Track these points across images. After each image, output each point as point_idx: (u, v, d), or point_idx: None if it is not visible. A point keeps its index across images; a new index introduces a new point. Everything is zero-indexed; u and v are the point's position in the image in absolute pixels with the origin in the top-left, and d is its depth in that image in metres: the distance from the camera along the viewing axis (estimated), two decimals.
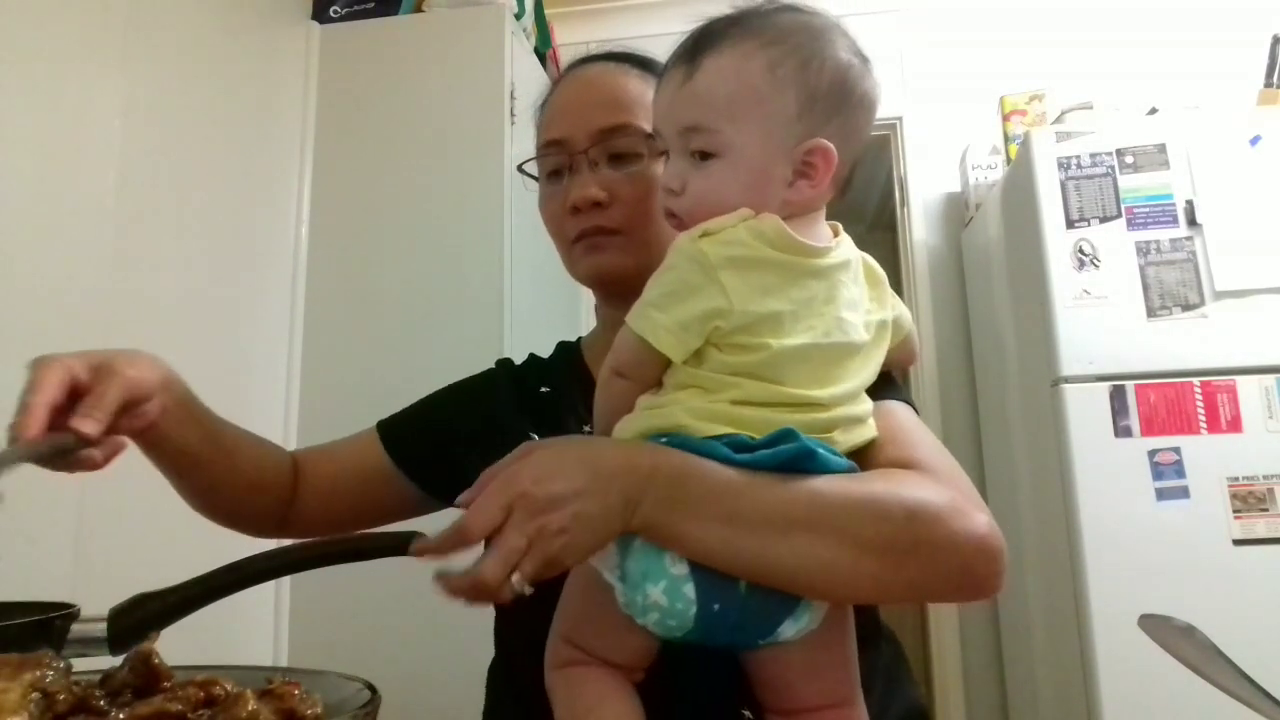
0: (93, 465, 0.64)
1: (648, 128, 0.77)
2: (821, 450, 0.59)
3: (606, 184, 0.79)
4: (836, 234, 0.67)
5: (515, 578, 0.53)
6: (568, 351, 0.94)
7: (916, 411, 0.73)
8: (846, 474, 0.60)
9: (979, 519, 0.59)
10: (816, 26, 0.65)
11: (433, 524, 0.96)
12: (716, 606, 0.57)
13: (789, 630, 0.58)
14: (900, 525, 0.57)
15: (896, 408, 0.70)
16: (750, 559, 0.57)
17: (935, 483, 0.60)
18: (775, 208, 0.62)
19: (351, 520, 0.90)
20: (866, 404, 0.65)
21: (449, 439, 0.87)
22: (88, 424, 0.61)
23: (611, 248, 0.79)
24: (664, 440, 0.60)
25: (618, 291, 0.81)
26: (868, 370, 0.65)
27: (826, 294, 0.62)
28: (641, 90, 0.81)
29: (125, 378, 0.65)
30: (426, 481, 0.89)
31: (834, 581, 0.58)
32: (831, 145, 0.62)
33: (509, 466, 0.56)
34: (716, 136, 0.62)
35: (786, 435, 0.59)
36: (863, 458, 0.64)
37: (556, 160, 0.82)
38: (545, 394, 0.88)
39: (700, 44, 0.65)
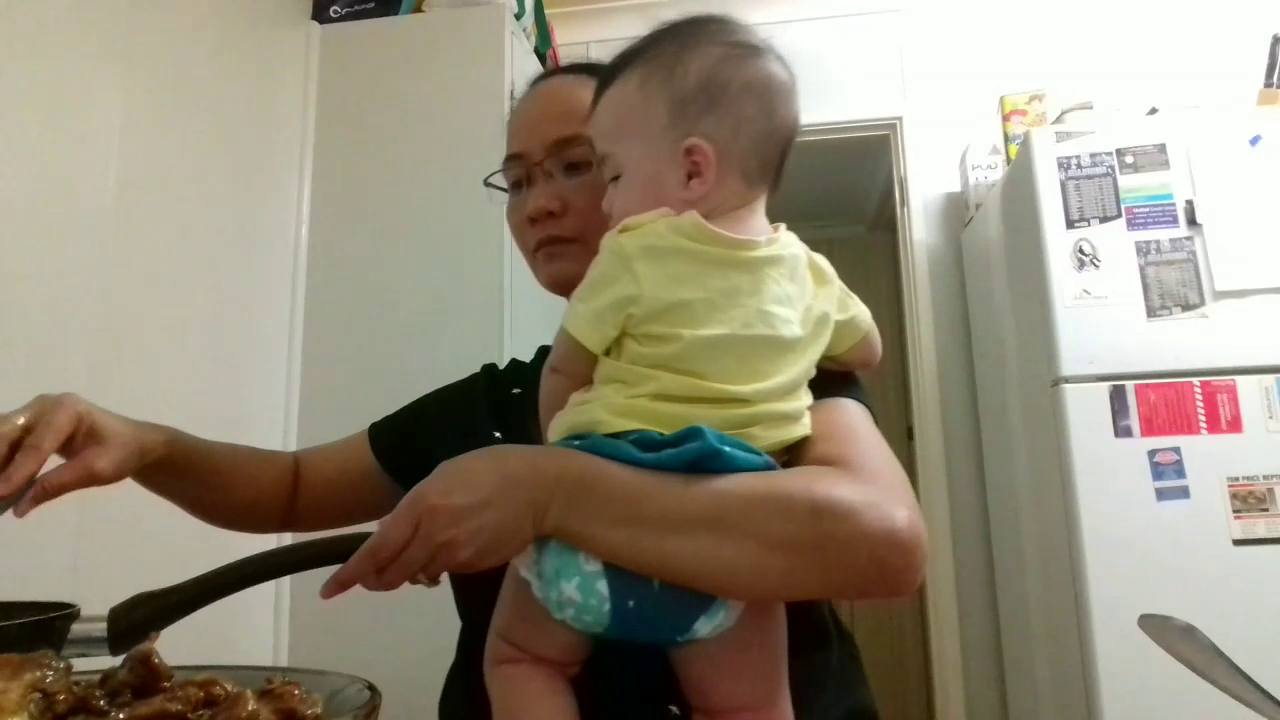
0: (20, 511, 0.70)
1: None
2: (728, 449, 0.59)
3: (560, 193, 0.81)
4: (777, 232, 0.68)
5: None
6: (544, 355, 0.96)
7: (870, 410, 0.73)
8: (757, 472, 0.60)
9: (896, 514, 0.57)
10: (686, 32, 0.68)
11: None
12: (631, 603, 0.58)
13: (704, 628, 0.59)
14: (805, 522, 0.57)
15: (843, 404, 0.70)
16: (653, 559, 0.57)
17: (854, 479, 0.59)
18: (680, 209, 0.64)
19: (345, 519, 0.94)
20: (799, 401, 0.65)
21: (430, 443, 0.89)
22: (24, 506, 0.68)
23: (568, 255, 0.82)
24: (575, 441, 0.62)
25: None
26: (799, 366, 0.64)
27: (751, 286, 0.63)
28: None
29: (56, 424, 0.70)
30: (410, 484, 0.90)
31: (740, 580, 0.58)
32: (703, 142, 0.64)
33: (420, 484, 0.58)
34: (615, 159, 0.69)
35: (693, 434, 0.59)
36: (794, 455, 0.64)
37: (516, 173, 0.86)
38: (515, 395, 0.90)
39: (600, 83, 0.72)
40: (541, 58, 2.43)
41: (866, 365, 0.74)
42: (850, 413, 0.69)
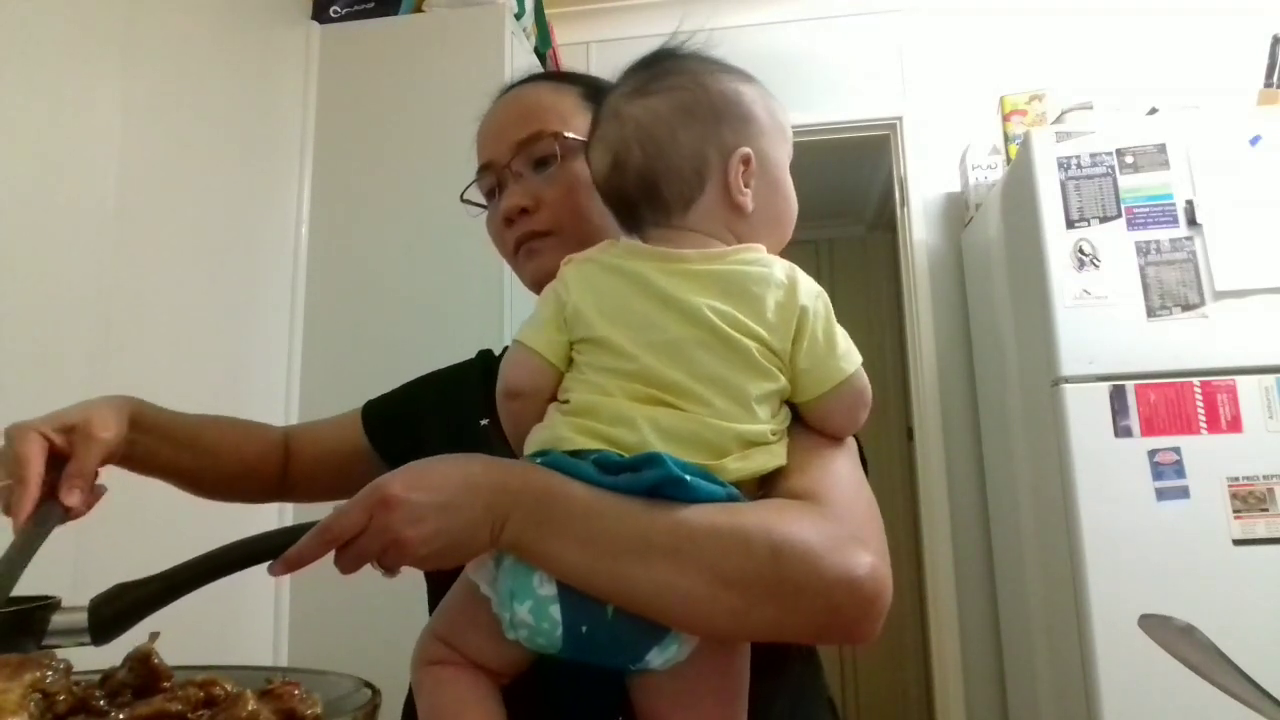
0: (77, 516, 0.72)
1: (561, 129, 0.83)
2: (690, 478, 0.57)
3: (530, 190, 0.83)
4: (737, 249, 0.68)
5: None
6: None
7: (856, 440, 0.70)
8: (720, 504, 0.58)
9: (859, 560, 0.56)
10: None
11: None
12: (584, 629, 0.57)
13: (656, 659, 0.58)
14: (763, 561, 0.55)
15: (814, 440, 0.66)
16: (607, 582, 0.56)
17: (820, 518, 0.58)
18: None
19: (338, 494, 0.95)
20: (765, 424, 0.62)
21: (420, 425, 0.91)
22: (74, 497, 0.70)
23: (546, 250, 0.82)
24: (540, 459, 0.61)
25: None
26: (757, 380, 0.62)
27: (667, 293, 0.64)
28: (552, 99, 0.86)
29: (99, 441, 0.72)
30: (397, 464, 0.90)
31: (691, 613, 0.56)
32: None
33: (384, 476, 0.58)
34: None
35: (653, 460, 0.58)
36: (766, 485, 0.62)
37: (488, 181, 0.88)
38: None
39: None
40: (541, 58, 2.43)
41: (835, 433, 0.67)
42: (826, 444, 0.66)
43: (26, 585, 0.61)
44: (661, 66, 0.72)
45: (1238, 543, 1.82)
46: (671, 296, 0.63)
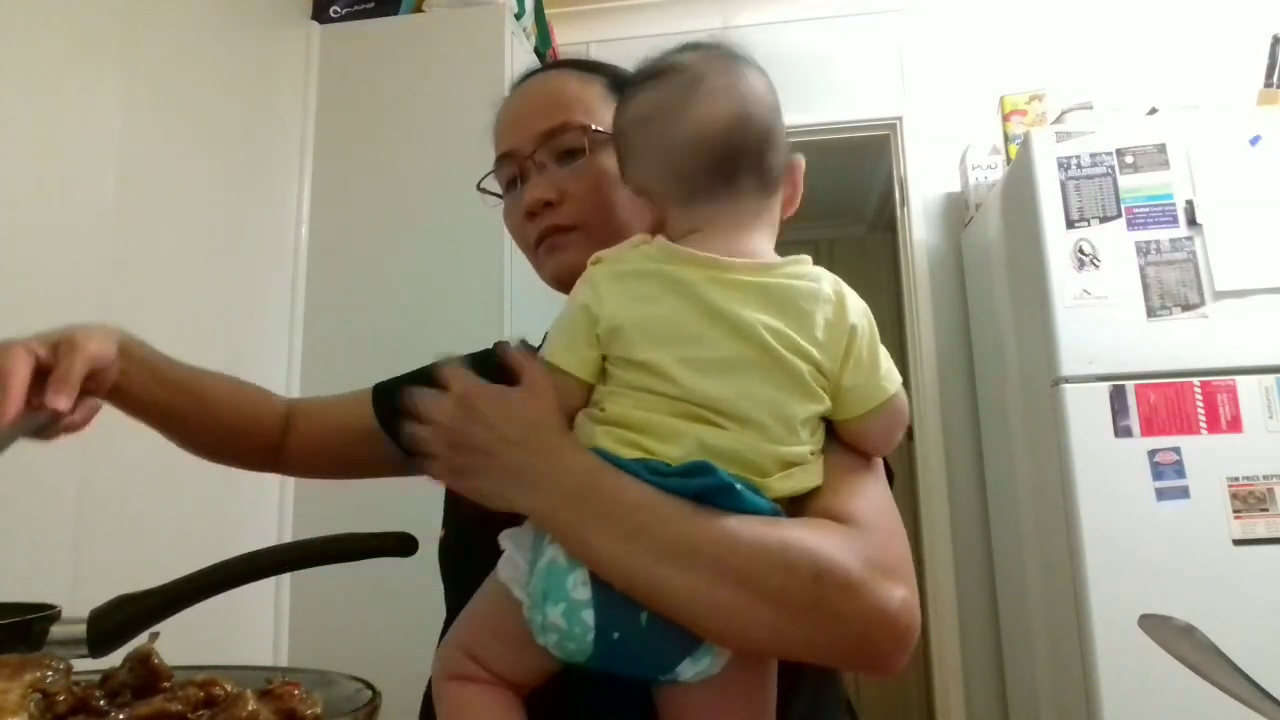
0: (75, 428, 0.71)
1: (588, 122, 0.80)
2: (741, 487, 0.57)
3: (556, 183, 0.80)
4: (788, 261, 0.65)
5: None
6: None
7: (888, 467, 0.70)
8: (765, 518, 0.57)
9: (893, 594, 0.55)
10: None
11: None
12: (616, 635, 0.56)
13: (687, 671, 0.57)
14: (804, 582, 0.54)
15: (849, 461, 0.65)
16: (645, 581, 0.55)
17: (860, 546, 0.57)
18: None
19: (338, 472, 0.96)
20: (804, 445, 0.61)
21: None
22: (60, 400, 0.67)
23: (571, 245, 0.80)
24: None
25: None
26: (796, 404, 0.61)
27: (716, 307, 0.60)
28: (579, 89, 0.83)
29: (85, 351, 0.70)
30: (400, 439, 0.90)
31: (726, 625, 0.55)
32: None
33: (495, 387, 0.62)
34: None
35: (703, 468, 0.57)
36: (798, 502, 0.61)
37: (509, 171, 0.84)
38: None
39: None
40: (541, 58, 2.42)
41: (875, 442, 0.66)
42: (859, 463, 0.65)
43: (25, 593, 0.61)
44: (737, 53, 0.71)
45: (1238, 543, 1.82)
46: (722, 310, 0.60)
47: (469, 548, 0.77)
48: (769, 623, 0.55)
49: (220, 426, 0.88)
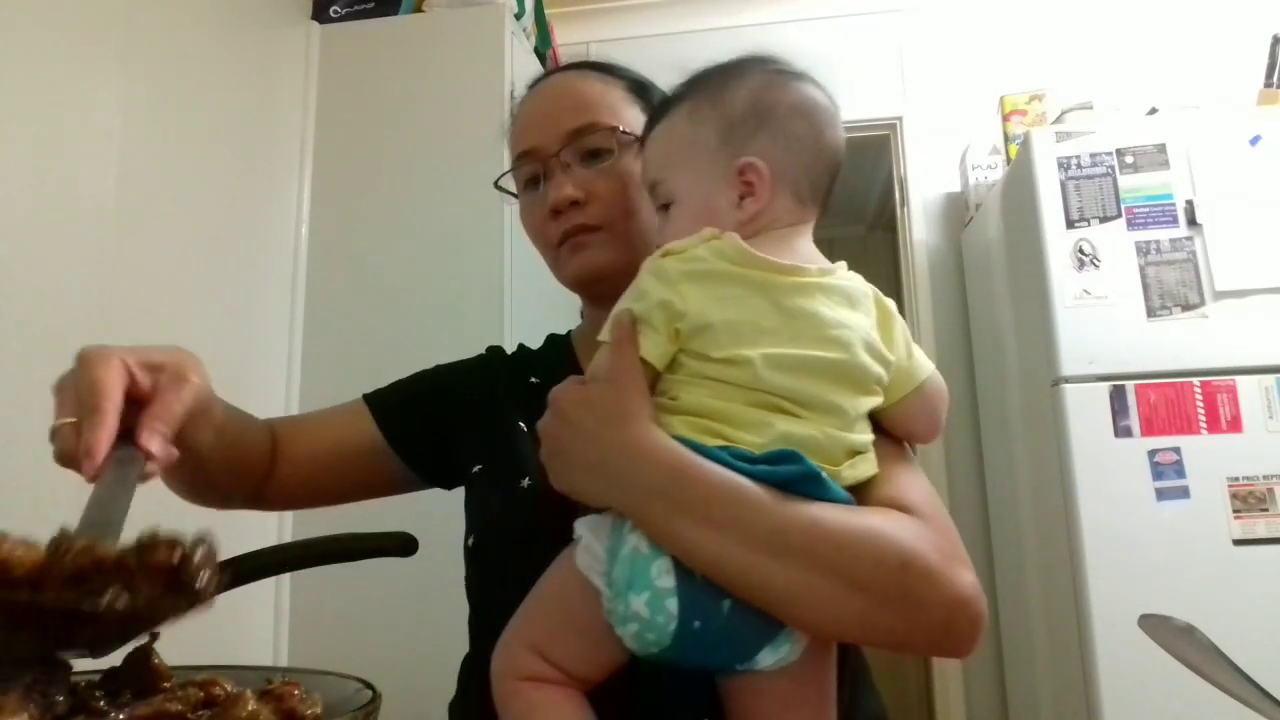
0: (150, 475, 0.57)
1: (614, 123, 0.80)
2: (825, 475, 0.58)
3: (582, 183, 0.79)
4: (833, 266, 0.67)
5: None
6: (557, 344, 0.94)
7: (914, 450, 0.72)
8: (847, 506, 0.59)
9: (966, 580, 0.58)
10: (729, 67, 0.70)
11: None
12: (697, 624, 0.56)
13: (767, 659, 0.57)
14: (892, 570, 0.56)
15: (894, 449, 0.68)
16: (737, 571, 0.56)
17: (931, 535, 0.59)
18: (733, 228, 0.64)
19: (333, 495, 0.88)
20: (868, 434, 0.64)
21: (441, 420, 0.87)
22: (155, 441, 0.55)
23: (595, 245, 0.80)
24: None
25: (605, 291, 0.81)
26: (865, 396, 0.63)
27: (803, 310, 0.62)
28: (603, 90, 0.83)
29: (191, 386, 0.59)
30: (415, 459, 0.88)
31: (817, 613, 0.56)
32: (757, 159, 0.66)
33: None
34: (666, 186, 0.69)
35: (789, 456, 0.58)
36: (857, 494, 0.62)
37: (531, 169, 0.83)
38: (535, 385, 0.86)
39: (650, 120, 0.74)
40: (541, 58, 2.43)
41: (921, 429, 0.68)
42: (900, 451, 0.68)
43: None
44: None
45: (1238, 543, 1.82)
46: (804, 311, 0.62)
47: (496, 552, 0.77)
48: (857, 610, 0.56)
49: (225, 466, 0.76)
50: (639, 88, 0.85)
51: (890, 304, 0.68)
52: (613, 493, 0.60)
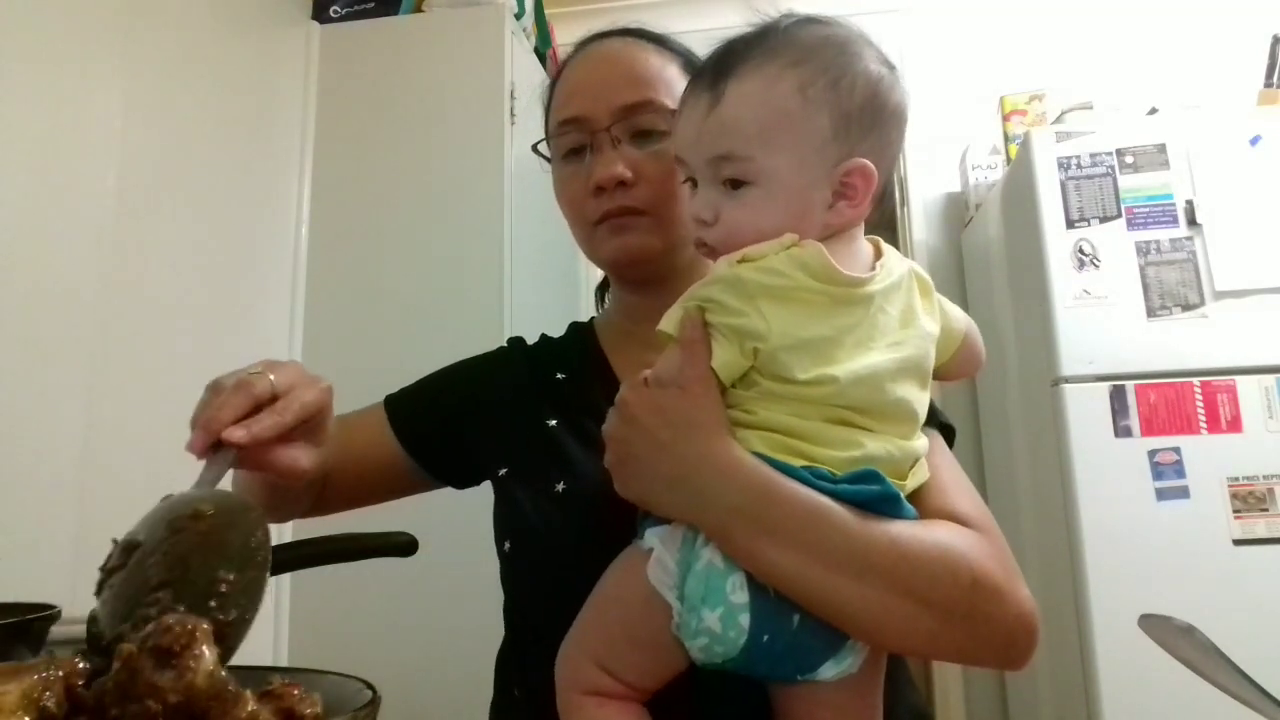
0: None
1: (670, 104, 0.75)
2: (902, 495, 0.59)
3: (631, 163, 0.75)
4: (880, 252, 0.65)
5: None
6: (580, 334, 0.90)
7: (952, 432, 0.73)
8: (918, 523, 0.59)
9: (1026, 595, 0.59)
10: (842, 39, 0.63)
11: (431, 504, 0.95)
12: (766, 638, 0.56)
13: (829, 670, 0.57)
14: (965, 590, 0.57)
15: (935, 445, 0.67)
16: (816, 591, 0.56)
17: (992, 547, 0.60)
18: (816, 232, 0.60)
19: (360, 503, 0.87)
20: (924, 439, 0.63)
21: (459, 419, 0.84)
22: (237, 432, 0.59)
23: (638, 228, 0.76)
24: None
25: (642, 275, 0.80)
26: (927, 392, 0.63)
27: (874, 319, 0.60)
28: (660, 65, 0.79)
29: (306, 397, 0.63)
30: (431, 462, 0.86)
31: (890, 631, 0.57)
32: (870, 164, 0.61)
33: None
34: (749, 164, 0.61)
35: (870, 476, 0.58)
36: (911, 502, 0.62)
37: (576, 138, 0.78)
38: (562, 380, 0.84)
39: (722, 68, 0.62)
40: (541, 58, 2.42)
41: (969, 372, 0.71)
42: (942, 455, 0.68)
43: (25, 593, 0.61)
44: None
45: (1238, 543, 1.82)
46: (876, 320, 0.60)
47: (534, 559, 0.75)
48: (928, 628, 0.57)
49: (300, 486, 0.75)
50: (692, 67, 0.79)
51: (924, 274, 0.66)
52: (692, 508, 0.58)
